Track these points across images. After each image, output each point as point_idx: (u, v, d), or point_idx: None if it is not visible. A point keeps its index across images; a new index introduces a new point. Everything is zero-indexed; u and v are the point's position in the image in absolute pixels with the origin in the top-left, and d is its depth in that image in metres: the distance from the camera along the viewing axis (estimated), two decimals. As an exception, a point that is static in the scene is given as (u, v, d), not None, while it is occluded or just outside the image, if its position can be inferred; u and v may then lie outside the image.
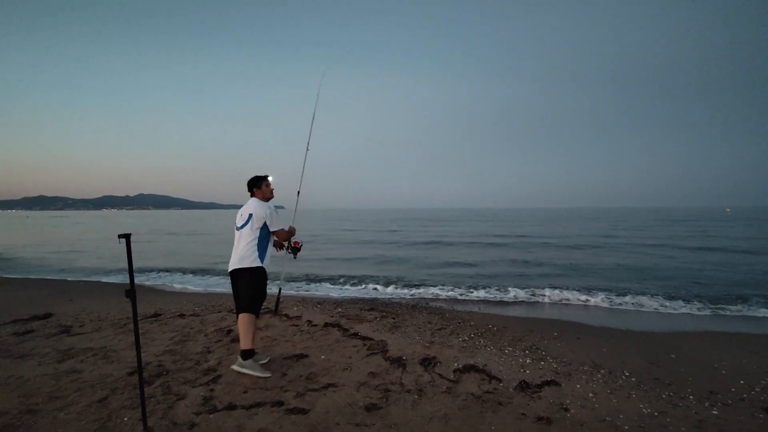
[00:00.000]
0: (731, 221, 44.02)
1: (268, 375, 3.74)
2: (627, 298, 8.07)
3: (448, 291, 8.96)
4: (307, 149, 4.59)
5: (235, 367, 3.80)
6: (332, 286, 9.82)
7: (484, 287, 9.30)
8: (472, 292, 8.78)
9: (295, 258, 4.20)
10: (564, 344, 4.99)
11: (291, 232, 4.10)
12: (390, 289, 9.40)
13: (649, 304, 7.65)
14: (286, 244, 4.16)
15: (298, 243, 4.17)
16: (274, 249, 4.11)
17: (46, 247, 20.94)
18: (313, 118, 4.72)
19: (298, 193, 4.41)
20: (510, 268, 12.60)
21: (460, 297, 8.42)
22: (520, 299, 8.19)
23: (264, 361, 4.03)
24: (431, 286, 9.56)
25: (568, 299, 8.09)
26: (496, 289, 9.07)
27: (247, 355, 3.75)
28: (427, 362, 4.12)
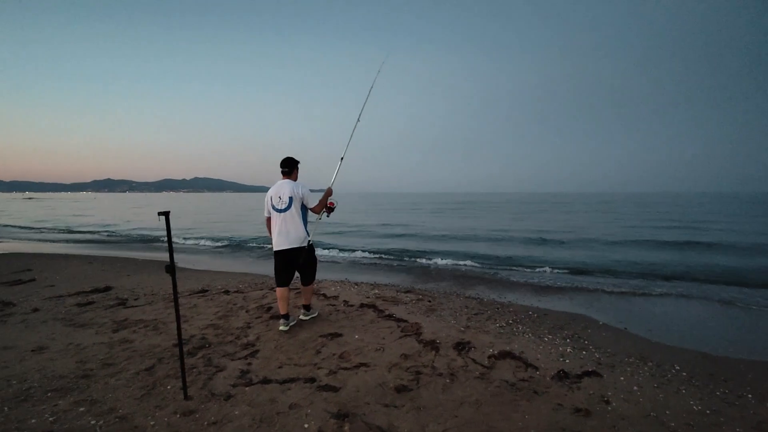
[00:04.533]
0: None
1: (317, 312, 5.04)
2: (688, 287, 7.53)
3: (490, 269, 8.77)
4: (358, 119, 4.88)
5: (302, 317, 4.83)
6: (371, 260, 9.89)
7: (529, 277, 9.02)
8: (514, 275, 8.56)
9: (328, 217, 4.64)
10: (609, 334, 4.74)
11: (328, 193, 4.54)
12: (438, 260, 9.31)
13: (714, 293, 7.09)
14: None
15: (333, 204, 4.52)
16: (317, 218, 4.64)
17: (109, 227, 22.59)
18: (369, 92, 4.99)
19: (341, 159, 4.73)
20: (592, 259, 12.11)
21: (502, 279, 8.21)
22: (564, 285, 7.86)
23: (314, 315, 4.96)
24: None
25: (620, 287, 7.66)
26: (543, 277, 8.78)
27: (309, 307, 4.88)
28: (461, 347, 4.05)
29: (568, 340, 4.42)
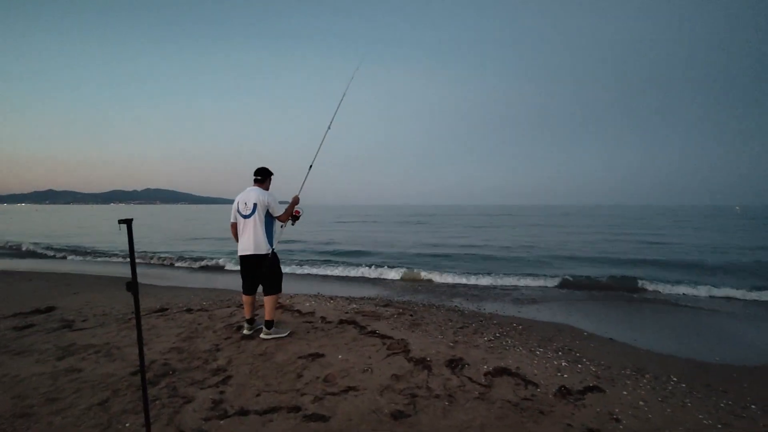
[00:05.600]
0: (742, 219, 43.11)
1: (287, 332, 4.55)
2: (661, 295, 7.69)
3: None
4: (329, 128, 4.78)
5: (263, 336, 4.39)
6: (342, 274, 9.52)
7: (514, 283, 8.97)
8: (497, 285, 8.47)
9: (293, 225, 4.53)
10: (598, 345, 4.65)
11: (294, 201, 4.47)
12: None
13: (687, 301, 7.25)
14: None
15: (299, 212, 4.49)
16: (280, 226, 4.48)
17: (51, 240, 20.82)
18: (341, 100, 4.92)
19: (310, 167, 4.65)
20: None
21: (478, 291, 8.07)
22: (540, 296, 7.82)
23: (283, 334, 4.50)
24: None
25: (594, 296, 7.72)
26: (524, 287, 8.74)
27: (270, 324, 4.39)
28: (454, 364, 3.79)
29: (560, 353, 4.26)
